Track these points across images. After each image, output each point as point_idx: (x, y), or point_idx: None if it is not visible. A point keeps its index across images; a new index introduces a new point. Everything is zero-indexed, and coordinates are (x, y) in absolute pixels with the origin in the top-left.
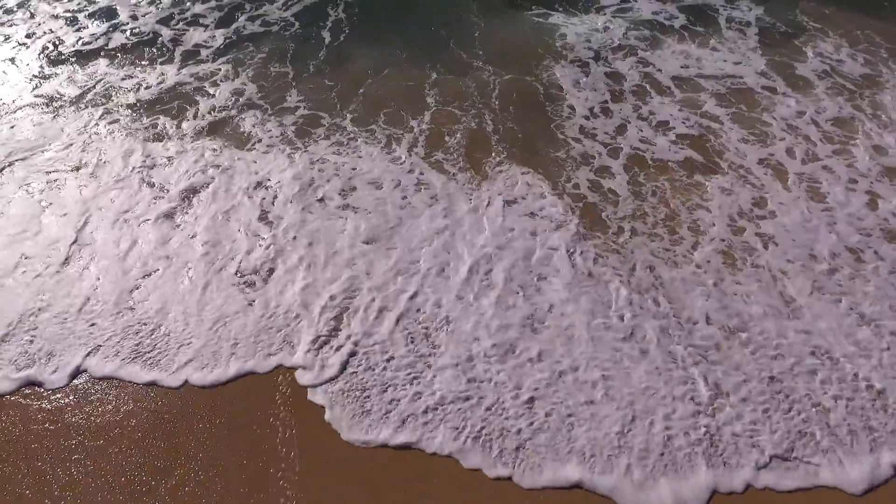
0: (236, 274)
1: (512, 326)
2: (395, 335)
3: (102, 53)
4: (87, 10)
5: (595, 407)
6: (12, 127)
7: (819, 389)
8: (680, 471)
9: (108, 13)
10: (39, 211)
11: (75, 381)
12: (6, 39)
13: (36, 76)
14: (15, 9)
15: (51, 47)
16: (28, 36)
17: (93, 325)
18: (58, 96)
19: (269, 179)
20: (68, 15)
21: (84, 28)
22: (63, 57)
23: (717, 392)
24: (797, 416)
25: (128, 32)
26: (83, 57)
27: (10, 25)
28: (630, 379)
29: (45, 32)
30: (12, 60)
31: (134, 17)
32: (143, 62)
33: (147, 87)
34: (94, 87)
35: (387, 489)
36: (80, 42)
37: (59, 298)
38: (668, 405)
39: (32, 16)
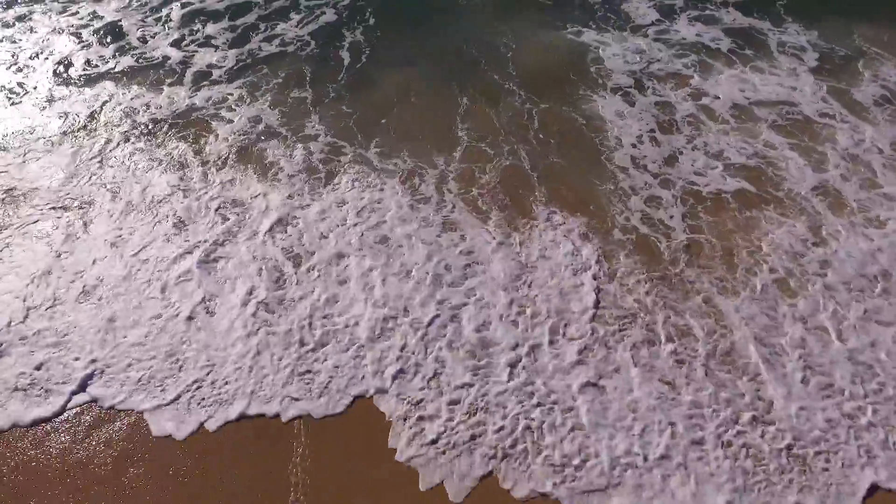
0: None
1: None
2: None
3: (112, 76)
4: (92, 25)
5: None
6: (22, 156)
7: None
8: None
9: (114, 31)
10: (48, 251)
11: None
12: (11, 59)
13: (44, 101)
14: (13, 22)
15: (59, 69)
16: (33, 57)
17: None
18: (67, 123)
19: (295, 217)
20: (72, 29)
21: (89, 46)
22: (72, 80)
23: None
24: None
25: (137, 54)
26: (92, 80)
27: (12, 42)
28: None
29: (51, 53)
30: (20, 85)
31: (143, 40)
32: (155, 85)
33: (161, 113)
34: (105, 112)
35: None
36: (88, 64)
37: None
38: None
39: (32, 30)
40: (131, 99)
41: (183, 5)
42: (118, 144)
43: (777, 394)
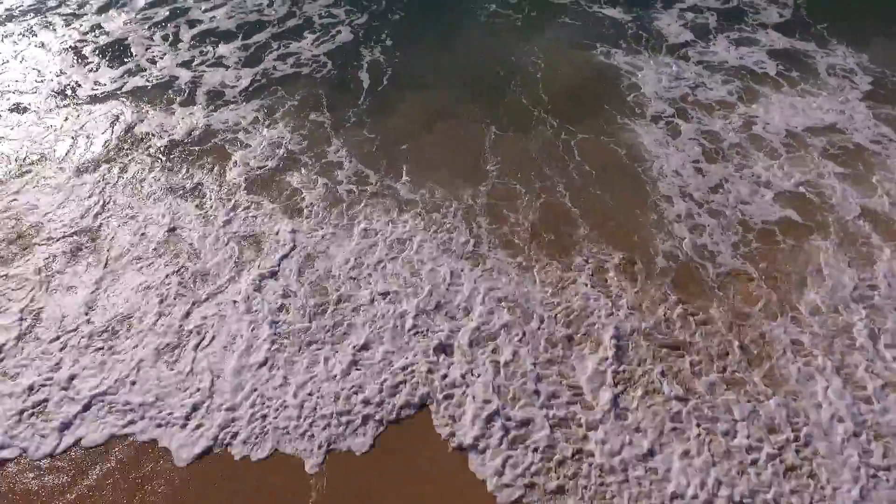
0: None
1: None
2: None
3: (121, 96)
4: (98, 41)
5: None
6: (30, 182)
7: None
8: None
9: (121, 49)
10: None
11: None
12: (15, 77)
13: (52, 123)
14: (16, 37)
15: (66, 89)
16: (39, 79)
17: None
18: (76, 147)
19: (322, 253)
20: (77, 46)
21: (96, 64)
22: (80, 100)
23: None
24: None
25: (146, 75)
26: (100, 100)
27: (15, 58)
28: None
29: (56, 73)
30: (25, 107)
31: (152, 61)
32: (166, 106)
33: (174, 136)
34: (116, 136)
35: None
36: (96, 83)
37: None
38: None
39: (35, 45)
40: (142, 121)
41: (191, 23)
42: (130, 170)
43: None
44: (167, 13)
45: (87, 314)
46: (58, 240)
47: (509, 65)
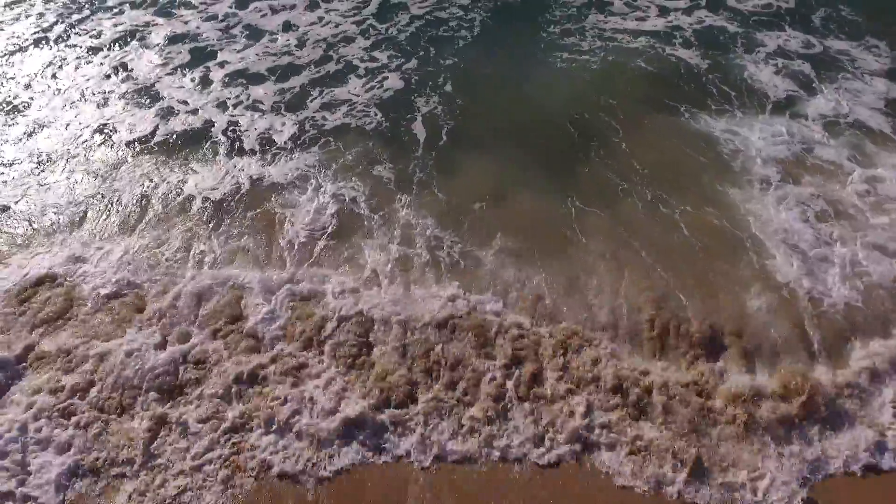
0: None
1: None
2: None
3: (158, 148)
4: (126, 85)
5: None
6: (75, 245)
7: None
8: None
9: (151, 93)
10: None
11: None
12: (40, 125)
13: (86, 180)
14: (37, 77)
15: (99, 138)
16: (65, 122)
17: None
18: (116, 205)
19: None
20: (104, 90)
21: (127, 110)
22: (115, 151)
23: None
24: None
25: (181, 119)
26: (137, 153)
27: (44, 95)
28: None
29: (95, 122)
30: (53, 158)
31: (184, 102)
32: (209, 159)
33: (219, 193)
34: (158, 193)
35: None
36: (131, 131)
37: None
38: None
39: (59, 92)
40: (185, 175)
41: (220, 63)
42: (176, 231)
43: None
44: (189, 53)
45: None
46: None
47: (585, 124)
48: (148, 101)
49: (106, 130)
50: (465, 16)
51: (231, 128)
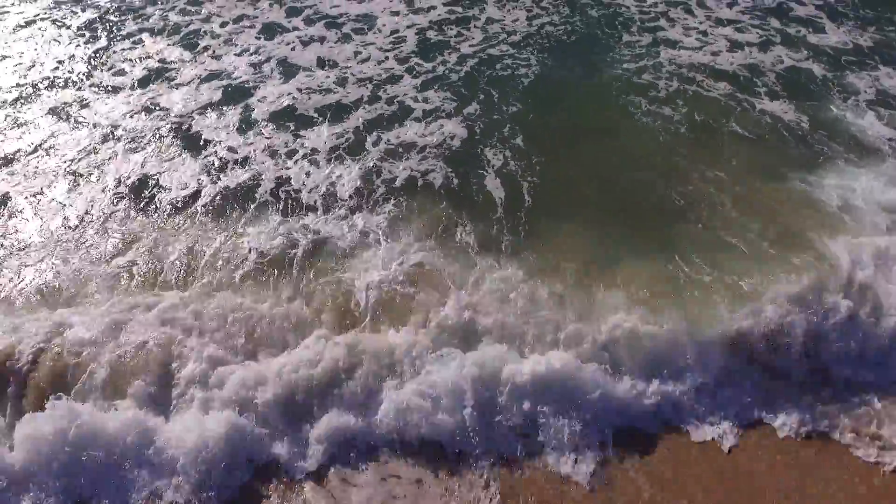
0: None
1: None
2: None
3: (207, 204)
4: (160, 126)
5: None
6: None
7: None
8: None
9: (188, 136)
10: None
11: None
12: (75, 175)
13: (117, 243)
14: (46, 110)
15: (126, 191)
16: (96, 177)
17: None
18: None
19: None
20: (136, 132)
21: (161, 155)
22: (162, 209)
23: None
24: None
25: (228, 170)
26: (177, 209)
27: (70, 141)
28: None
29: (133, 175)
30: (85, 219)
31: (233, 149)
32: (262, 215)
33: (273, 254)
34: (207, 260)
35: None
36: (160, 187)
37: None
38: None
39: (94, 149)
40: (237, 234)
41: (260, 100)
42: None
43: None
44: (223, 89)
45: None
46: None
47: (683, 190)
48: (187, 147)
49: (144, 186)
50: (519, 54)
51: (285, 179)
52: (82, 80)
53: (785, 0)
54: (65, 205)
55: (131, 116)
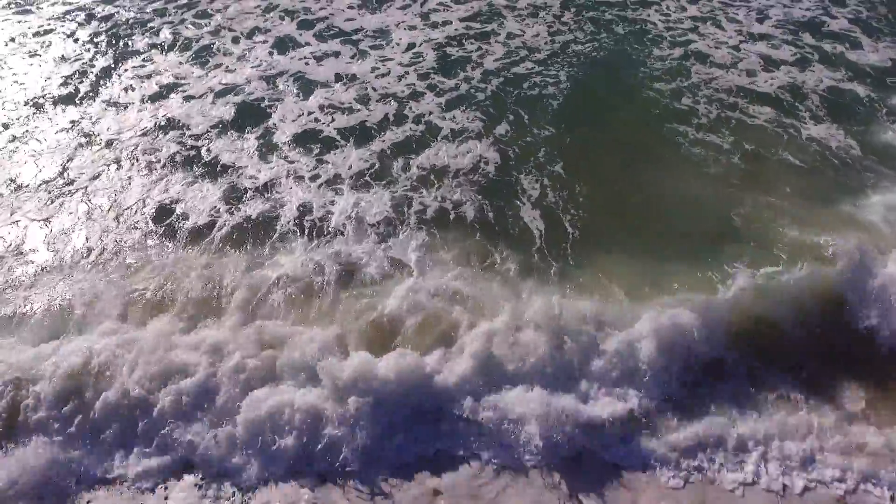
0: None
1: None
2: None
3: (225, 238)
4: (179, 154)
5: None
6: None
7: None
8: None
9: (207, 160)
10: None
11: None
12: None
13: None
14: (57, 129)
15: (161, 222)
16: (110, 204)
17: None
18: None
19: None
20: (152, 156)
21: (179, 179)
22: (183, 239)
23: None
24: None
25: (250, 196)
26: (202, 237)
27: (84, 164)
28: None
29: (153, 202)
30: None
31: (252, 177)
32: (284, 246)
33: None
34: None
35: None
36: (195, 214)
37: None
38: None
39: (108, 173)
40: (265, 264)
41: (280, 120)
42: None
43: None
44: (239, 108)
45: None
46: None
47: (738, 214)
48: (207, 172)
49: (164, 213)
50: (546, 71)
51: (310, 207)
52: (92, 97)
53: (816, 14)
54: (79, 233)
55: (144, 136)
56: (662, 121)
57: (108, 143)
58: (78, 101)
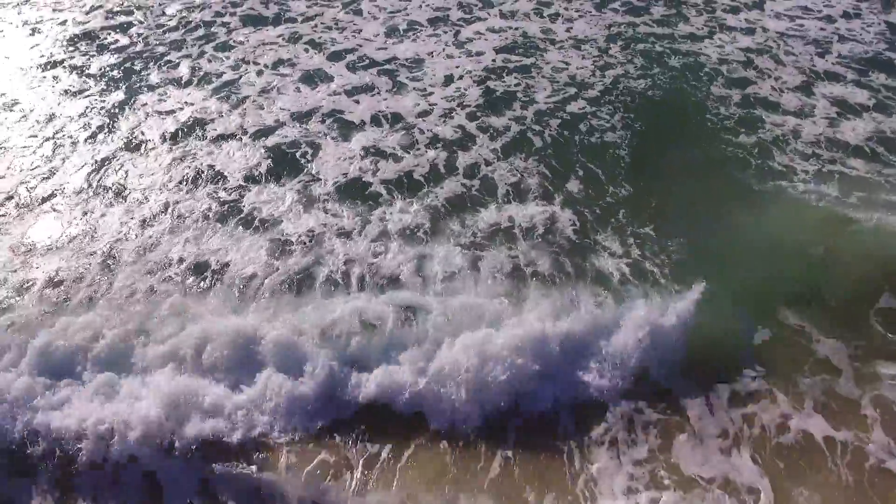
0: None
1: None
2: None
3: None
4: (200, 189)
5: None
6: None
7: None
8: None
9: (245, 218)
10: None
11: None
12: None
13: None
14: (91, 182)
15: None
16: (140, 260)
17: None
18: None
19: None
20: (183, 210)
21: (217, 242)
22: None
23: None
24: None
25: (291, 257)
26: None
27: (109, 214)
28: None
29: (182, 265)
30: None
31: (301, 242)
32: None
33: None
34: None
35: None
36: (234, 271)
37: None
38: None
39: (135, 230)
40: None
41: (318, 171)
42: None
43: None
44: (274, 154)
45: None
46: None
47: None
48: (245, 225)
49: (202, 270)
50: (600, 112)
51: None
52: (109, 137)
53: (881, 49)
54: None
55: (170, 188)
56: (759, 183)
57: (131, 195)
58: (97, 142)
